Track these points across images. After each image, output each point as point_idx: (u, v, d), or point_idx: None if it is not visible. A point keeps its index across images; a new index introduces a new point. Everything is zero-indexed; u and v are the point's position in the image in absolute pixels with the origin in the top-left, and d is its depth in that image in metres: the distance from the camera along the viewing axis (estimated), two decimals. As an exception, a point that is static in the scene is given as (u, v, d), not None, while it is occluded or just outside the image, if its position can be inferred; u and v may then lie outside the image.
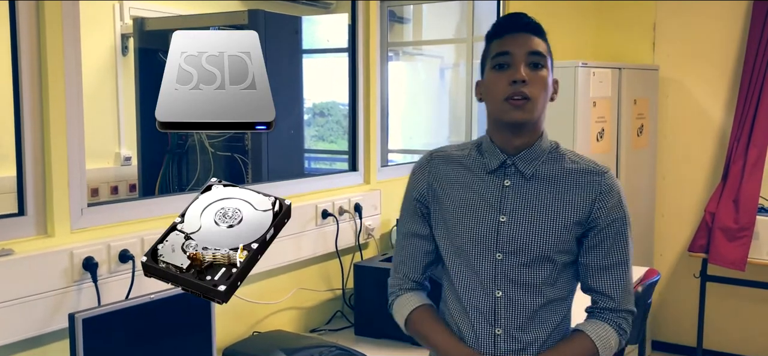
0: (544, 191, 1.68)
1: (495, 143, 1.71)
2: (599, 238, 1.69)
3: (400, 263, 1.84)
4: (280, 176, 2.99)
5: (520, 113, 1.63)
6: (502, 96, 1.63)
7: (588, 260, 1.71)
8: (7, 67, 1.92)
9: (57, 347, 1.99)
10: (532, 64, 1.64)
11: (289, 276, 2.76)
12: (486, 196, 1.70)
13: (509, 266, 1.68)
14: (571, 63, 3.85)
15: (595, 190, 1.68)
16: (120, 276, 2.09)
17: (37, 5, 1.93)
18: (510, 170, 1.70)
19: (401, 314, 1.81)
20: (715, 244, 4.33)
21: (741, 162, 4.37)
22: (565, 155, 1.73)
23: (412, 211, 1.82)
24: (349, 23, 3.13)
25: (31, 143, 1.95)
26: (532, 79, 1.63)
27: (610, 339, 1.70)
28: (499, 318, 1.69)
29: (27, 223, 1.96)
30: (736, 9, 4.55)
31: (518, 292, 1.68)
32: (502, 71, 1.64)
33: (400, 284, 1.84)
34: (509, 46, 1.65)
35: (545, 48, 1.68)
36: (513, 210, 1.68)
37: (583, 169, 1.70)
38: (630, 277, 1.74)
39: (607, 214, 1.69)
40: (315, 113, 3.83)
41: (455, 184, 1.74)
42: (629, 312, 1.74)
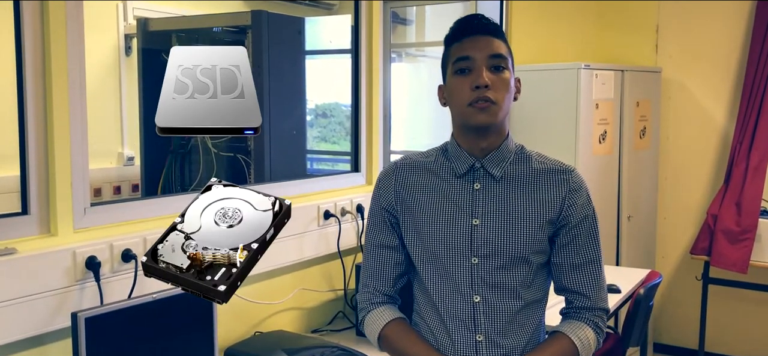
0: (514, 192, 1.68)
1: (462, 147, 1.71)
2: (571, 236, 1.70)
3: (370, 277, 1.79)
4: (282, 177, 3.00)
5: (484, 117, 1.63)
6: (465, 101, 1.63)
7: (561, 259, 1.71)
8: (12, 66, 1.94)
9: (59, 346, 2.00)
10: (493, 68, 1.64)
11: (291, 277, 2.77)
12: (457, 200, 1.69)
13: (486, 270, 1.66)
14: (573, 65, 3.85)
15: (565, 188, 1.69)
16: (122, 276, 2.10)
17: (42, 5, 1.94)
18: (479, 173, 1.69)
19: (373, 330, 1.76)
20: (717, 246, 4.32)
21: (743, 165, 4.37)
22: (531, 155, 1.73)
23: (380, 222, 1.78)
24: (352, 24, 3.14)
25: (35, 142, 1.96)
26: (494, 83, 1.62)
27: (589, 338, 1.70)
28: (479, 323, 1.67)
29: (30, 222, 1.98)
30: (739, 11, 4.55)
31: (496, 296, 1.67)
32: (464, 76, 1.64)
33: (370, 298, 1.79)
34: (469, 50, 1.65)
35: (506, 49, 1.68)
36: (486, 213, 1.67)
37: (551, 168, 1.71)
38: (603, 275, 1.75)
39: (577, 211, 1.69)
40: (317, 114, 3.84)
41: (424, 190, 1.73)
42: (604, 310, 1.74)
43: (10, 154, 2.03)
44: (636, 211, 4.40)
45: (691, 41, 4.73)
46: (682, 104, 4.78)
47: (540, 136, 3.93)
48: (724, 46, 4.62)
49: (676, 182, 4.83)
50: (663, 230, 4.86)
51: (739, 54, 4.58)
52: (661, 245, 4.88)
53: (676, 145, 4.81)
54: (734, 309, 4.68)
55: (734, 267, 4.25)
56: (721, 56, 4.64)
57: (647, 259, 4.61)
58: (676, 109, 4.80)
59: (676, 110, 4.80)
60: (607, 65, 4.12)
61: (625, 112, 4.23)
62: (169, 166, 3.15)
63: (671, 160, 4.82)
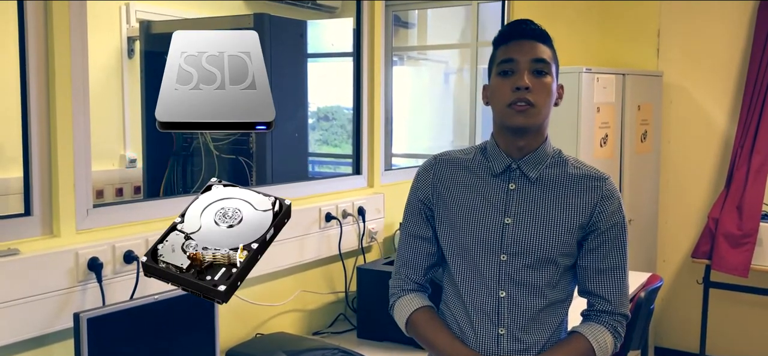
0: (548, 195, 1.72)
1: (500, 147, 1.75)
2: (598, 241, 1.73)
3: (402, 264, 1.86)
4: (284, 179, 3.01)
5: (523, 119, 1.67)
6: (506, 102, 1.68)
7: (587, 262, 1.75)
8: (15, 68, 1.94)
9: (62, 346, 2.01)
10: (535, 72, 1.68)
11: (292, 279, 2.77)
12: (491, 198, 1.74)
13: (513, 267, 1.71)
14: (575, 68, 3.85)
15: (597, 195, 1.73)
16: (124, 277, 2.11)
17: (45, 6, 1.95)
18: (515, 174, 1.74)
19: (402, 315, 1.83)
20: (718, 250, 4.32)
21: (745, 168, 4.37)
22: (567, 160, 1.77)
23: (416, 213, 1.84)
24: (353, 28, 3.15)
25: (38, 144, 1.97)
26: (535, 86, 1.67)
27: (606, 341, 1.74)
28: (502, 318, 1.72)
29: (33, 223, 1.98)
30: (741, 15, 4.55)
31: (521, 293, 1.71)
32: (507, 78, 1.68)
33: (401, 285, 1.86)
34: (514, 53, 1.69)
35: (550, 55, 1.72)
36: (518, 213, 1.72)
37: (585, 174, 1.75)
38: (626, 282, 1.78)
39: (607, 218, 1.73)
40: (319, 117, 3.85)
41: (460, 187, 1.78)
42: (624, 315, 1.77)
43: (13, 155, 2.04)
44: (637, 215, 4.40)
45: (692, 45, 4.73)
46: (684, 107, 4.78)
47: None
48: (725, 50, 4.62)
49: (678, 185, 4.83)
50: (664, 234, 4.86)
51: (740, 58, 4.58)
52: (662, 248, 4.87)
53: (677, 148, 4.81)
54: (735, 313, 4.68)
55: (735, 271, 4.25)
56: (722, 60, 4.64)
57: (648, 263, 4.61)
58: (677, 112, 4.80)
59: (678, 114, 4.80)
60: (608, 69, 4.13)
61: (627, 115, 4.23)
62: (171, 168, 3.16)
63: (672, 163, 4.82)
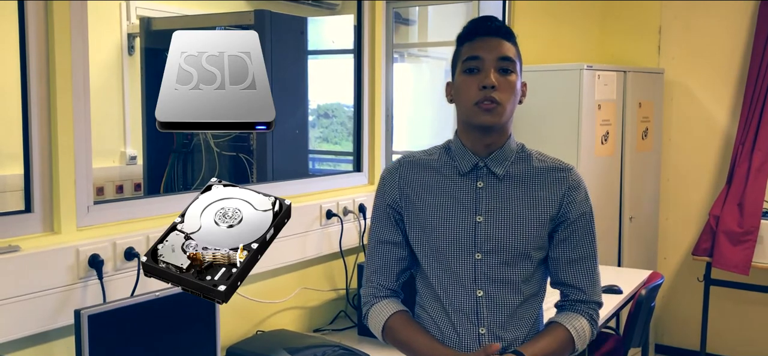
0: (516, 190, 1.73)
1: (465, 146, 1.75)
2: (569, 232, 1.75)
3: (373, 272, 1.82)
4: (284, 176, 3.01)
5: (489, 117, 1.67)
6: (472, 100, 1.68)
7: (558, 253, 1.76)
8: (16, 65, 1.95)
9: (63, 343, 2.01)
10: (501, 70, 1.68)
11: (293, 276, 2.77)
12: (460, 198, 1.74)
13: (488, 265, 1.71)
14: (575, 66, 3.85)
15: (565, 185, 1.74)
16: (125, 274, 2.11)
17: (46, 5, 1.95)
18: (482, 172, 1.74)
19: (377, 322, 1.80)
20: (719, 248, 4.32)
21: (746, 166, 4.36)
22: (531, 154, 1.78)
23: (384, 218, 1.81)
24: (354, 24, 3.15)
25: (39, 141, 1.97)
26: (501, 85, 1.67)
27: (584, 327, 1.76)
28: (482, 317, 1.72)
29: (34, 220, 1.98)
30: (742, 12, 4.55)
31: (498, 290, 1.72)
32: (473, 75, 1.68)
33: (374, 293, 1.82)
34: (480, 50, 1.68)
35: (515, 53, 1.72)
36: (488, 210, 1.72)
37: (551, 167, 1.76)
38: (597, 270, 1.80)
39: (576, 208, 1.74)
40: (319, 114, 3.85)
41: (428, 188, 1.76)
42: (598, 303, 1.80)
43: (14, 152, 2.04)
44: (638, 212, 4.40)
45: (693, 42, 4.72)
46: (685, 105, 4.78)
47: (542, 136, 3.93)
48: (726, 48, 4.62)
49: (678, 183, 4.83)
50: (665, 232, 4.86)
51: (741, 55, 4.57)
52: (663, 246, 4.87)
53: (678, 146, 4.81)
54: (736, 311, 4.68)
55: (736, 269, 4.25)
56: (723, 57, 4.63)
57: (649, 260, 4.61)
58: (678, 110, 4.79)
59: (679, 111, 4.79)
60: (609, 66, 4.12)
61: (628, 113, 4.23)
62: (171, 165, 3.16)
63: (673, 161, 4.82)
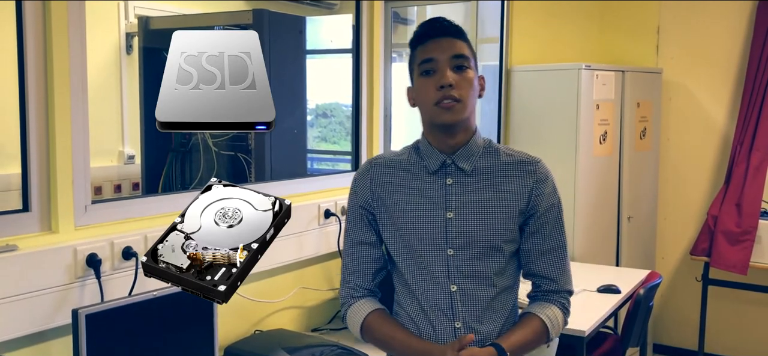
0: (485, 185, 1.76)
1: (432, 145, 1.77)
2: (539, 224, 1.78)
3: (350, 273, 1.86)
4: (283, 176, 3.01)
5: (450, 115, 1.70)
6: (432, 101, 1.70)
7: (529, 246, 1.79)
8: (13, 65, 1.94)
9: (60, 343, 2.01)
10: (456, 67, 1.71)
11: (291, 275, 2.77)
12: (430, 195, 1.76)
13: (461, 260, 1.74)
14: (574, 65, 3.85)
15: (532, 178, 1.77)
16: (123, 273, 2.11)
17: (44, 4, 1.95)
18: (450, 169, 1.77)
19: (355, 321, 1.83)
20: (717, 247, 4.33)
21: (744, 166, 4.37)
22: (498, 149, 1.80)
23: (357, 219, 1.84)
24: (353, 24, 3.15)
25: (36, 140, 1.96)
26: (458, 82, 1.69)
27: (557, 316, 1.80)
28: (457, 312, 1.75)
29: (31, 219, 1.98)
30: (740, 12, 4.55)
31: (471, 285, 1.75)
32: (429, 77, 1.71)
33: (351, 293, 1.85)
34: (433, 52, 1.71)
35: (468, 50, 1.74)
36: (458, 206, 1.75)
37: (518, 160, 1.79)
38: (568, 259, 1.84)
39: (545, 200, 1.78)
40: (318, 114, 3.85)
41: (399, 188, 1.80)
42: (569, 291, 1.83)
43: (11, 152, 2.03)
44: (636, 212, 4.40)
45: (691, 42, 4.73)
46: (683, 105, 4.78)
47: (541, 136, 3.93)
48: (724, 48, 4.62)
49: (677, 182, 4.83)
50: (663, 231, 4.86)
51: (739, 55, 4.58)
52: (661, 246, 4.88)
53: (676, 146, 4.81)
54: (734, 311, 4.68)
55: (734, 268, 4.26)
56: (721, 57, 4.64)
57: (647, 260, 4.61)
58: (676, 110, 4.80)
59: (677, 111, 4.80)
60: (607, 66, 4.13)
61: (626, 113, 4.23)
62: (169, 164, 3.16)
63: (671, 161, 4.82)
